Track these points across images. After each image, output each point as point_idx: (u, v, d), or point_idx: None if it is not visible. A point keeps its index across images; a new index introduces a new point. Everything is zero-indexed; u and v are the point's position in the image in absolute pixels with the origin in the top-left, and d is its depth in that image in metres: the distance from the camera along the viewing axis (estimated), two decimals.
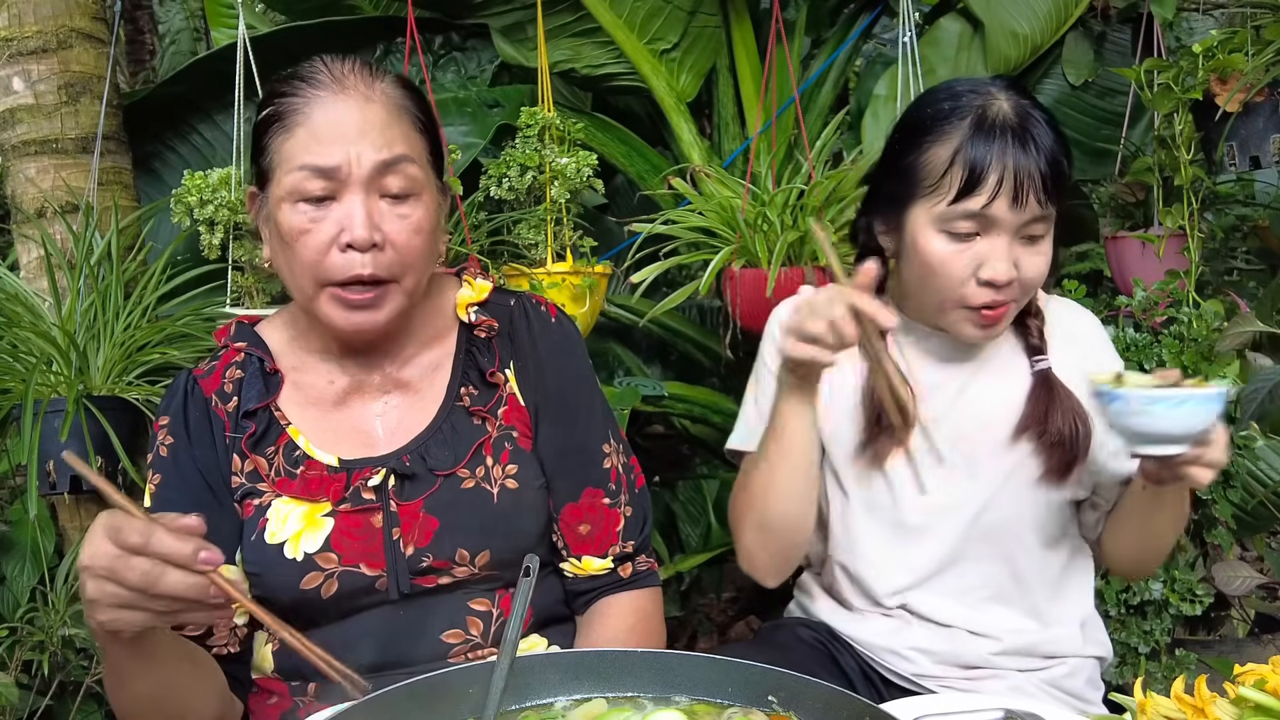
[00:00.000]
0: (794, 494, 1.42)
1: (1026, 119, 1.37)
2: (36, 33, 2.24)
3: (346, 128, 1.21)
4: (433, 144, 1.30)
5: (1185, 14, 3.12)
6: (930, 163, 1.39)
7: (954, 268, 1.39)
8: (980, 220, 1.37)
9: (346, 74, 1.24)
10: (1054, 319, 1.53)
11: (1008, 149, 1.35)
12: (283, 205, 1.22)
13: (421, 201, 1.25)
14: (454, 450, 1.30)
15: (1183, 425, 1.15)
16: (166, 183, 2.63)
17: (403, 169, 1.23)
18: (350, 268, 1.21)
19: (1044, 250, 1.41)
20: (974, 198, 1.36)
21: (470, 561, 1.27)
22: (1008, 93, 1.40)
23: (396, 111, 1.25)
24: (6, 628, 2.07)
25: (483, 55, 2.87)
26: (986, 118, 1.37)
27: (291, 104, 1.22)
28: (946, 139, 1.38)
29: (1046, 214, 1.38)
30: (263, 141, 1.25)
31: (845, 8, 2.96)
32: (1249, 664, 0.90)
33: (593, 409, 1.39)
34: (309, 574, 1.24)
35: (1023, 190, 1.35)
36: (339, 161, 1.20)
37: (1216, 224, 2.88)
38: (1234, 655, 2.49)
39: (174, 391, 1.34)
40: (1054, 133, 1.38)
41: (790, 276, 2.17)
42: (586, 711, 0.94)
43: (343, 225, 1.20)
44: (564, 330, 1.41)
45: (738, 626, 3.03)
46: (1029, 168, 1.35)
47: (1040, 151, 1.36)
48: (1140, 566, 1.58)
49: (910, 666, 1.49)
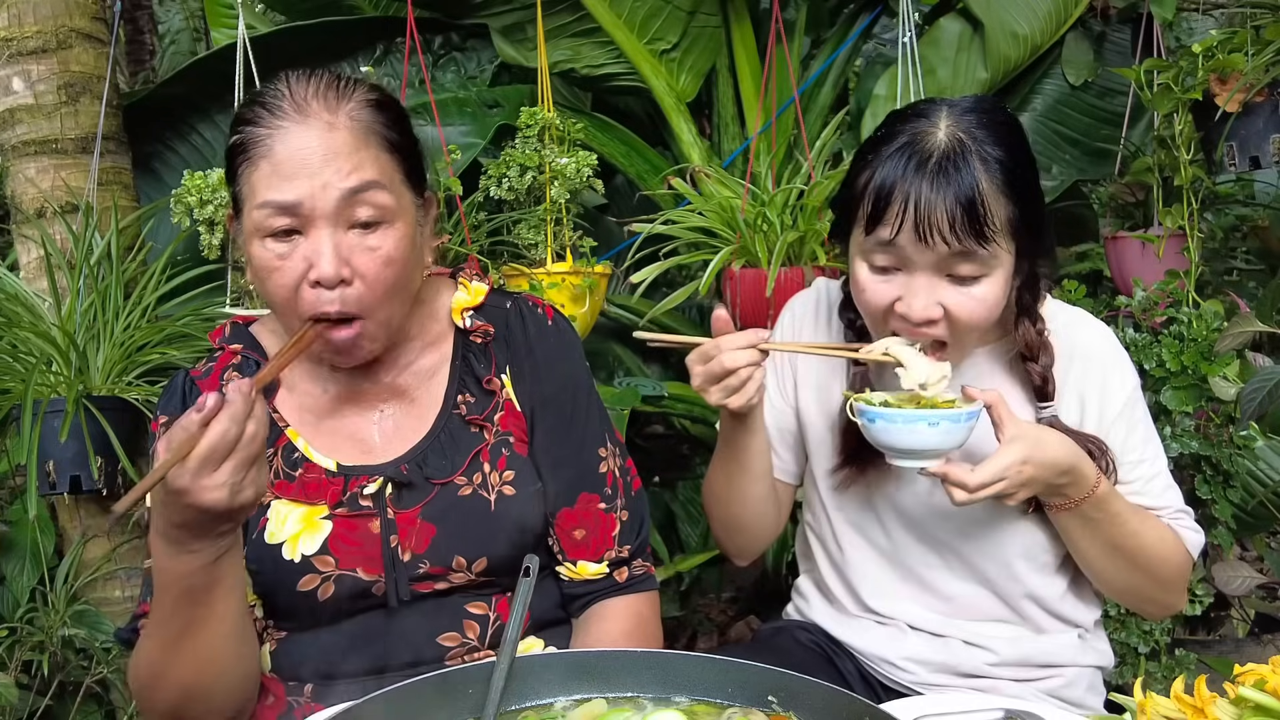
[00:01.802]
0: (750, 500, 1.52)
1: (954, 153, 1.27)
2: (36, 33, 2.25)
3: (309, 157, 1.18)
4: (408, 160, 1.27)
5: (1185, 14, 3.12)
6: (854, 188, 1.35)
7: (875, 298, 1.35)
8: (895, 253, 1.30)
9: (310, 99, 1.20)
10: (1062, 337, 1.43)
11: (917, 182, 1.27)
12: (253, 240, 1.21)
13: (394, 229, 1.22)
14: (451, 459, 1.29)
15: (935, 441, 1.28)
16: (166, 183, 2.63)
17: (370, 196, 1.20)
18: (319, 304, 1.19)
19: (979, 294, 1.31)
20: (879, 229, 1.30)
21: (467, 568, 1.27)
22: (961, 119, 1.31)
23: (363, 135, 1.21)
24: (6, 628, 2.07)
25: (483, 55, 2.87)
26: (909, 147, 1.29)
27: (254, 134, 1.20)
28: (869, 165, 1.33)
29: (970, 252, 1.28)
30: (233, 167, 1.24)
31: (845, 8, 2.96)
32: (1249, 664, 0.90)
33: (589, 413, 1.38)
34: (306, 575, 1.24)
35: (924, 227, 1.26)
36: (301, 196, 1.17)
37: (1216, 224, 2.89)
38: (1234, 655, 2.49)
39: (172, 392, 1.34)
40: (992, 169, 1.27)
41: (790, 276, 2.17)
42: (586, 711, 0.94)
43: (310, 261, 1.18)
44: (561, 333, 1.40)
45: (738, 626, 3.03)
46: (936, 204, 1.25)
47: (954, 188, 1.25)
48: (1123, 598, 1.52)
49: (907, 676, 1.49)
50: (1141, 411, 1.45)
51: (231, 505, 1.01)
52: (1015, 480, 1.29)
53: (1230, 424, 2.19)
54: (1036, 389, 1.42)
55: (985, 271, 1.30)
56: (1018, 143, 1.34)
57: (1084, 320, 1.49)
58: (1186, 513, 1.45)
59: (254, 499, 1.04)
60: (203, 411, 0.99)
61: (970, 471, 1.27)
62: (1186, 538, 1.43)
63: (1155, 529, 1.41)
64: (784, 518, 1.61)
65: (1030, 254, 1.35)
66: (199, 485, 0.99)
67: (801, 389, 1.56)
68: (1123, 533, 1.38)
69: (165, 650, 1.13)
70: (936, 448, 1.29)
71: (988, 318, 1.33)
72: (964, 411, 1.28)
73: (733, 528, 1.56)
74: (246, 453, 1.01)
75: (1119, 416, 1.42)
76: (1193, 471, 2.22)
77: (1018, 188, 1.29)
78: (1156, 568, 1.41)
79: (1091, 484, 1.34)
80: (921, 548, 1.48)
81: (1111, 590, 1.47)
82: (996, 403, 1.32)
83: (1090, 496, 1.34)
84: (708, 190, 2.42)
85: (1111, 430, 1.42)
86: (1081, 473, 1.33)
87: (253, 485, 1.03)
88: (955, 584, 1.48)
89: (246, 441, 1.01)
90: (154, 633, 1.14)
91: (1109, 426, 1.42)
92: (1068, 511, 1.37)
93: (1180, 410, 2.19)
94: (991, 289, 1.31)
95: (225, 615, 1.13)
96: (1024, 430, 1.31)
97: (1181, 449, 2.17)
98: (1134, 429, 1.43)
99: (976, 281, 1.30)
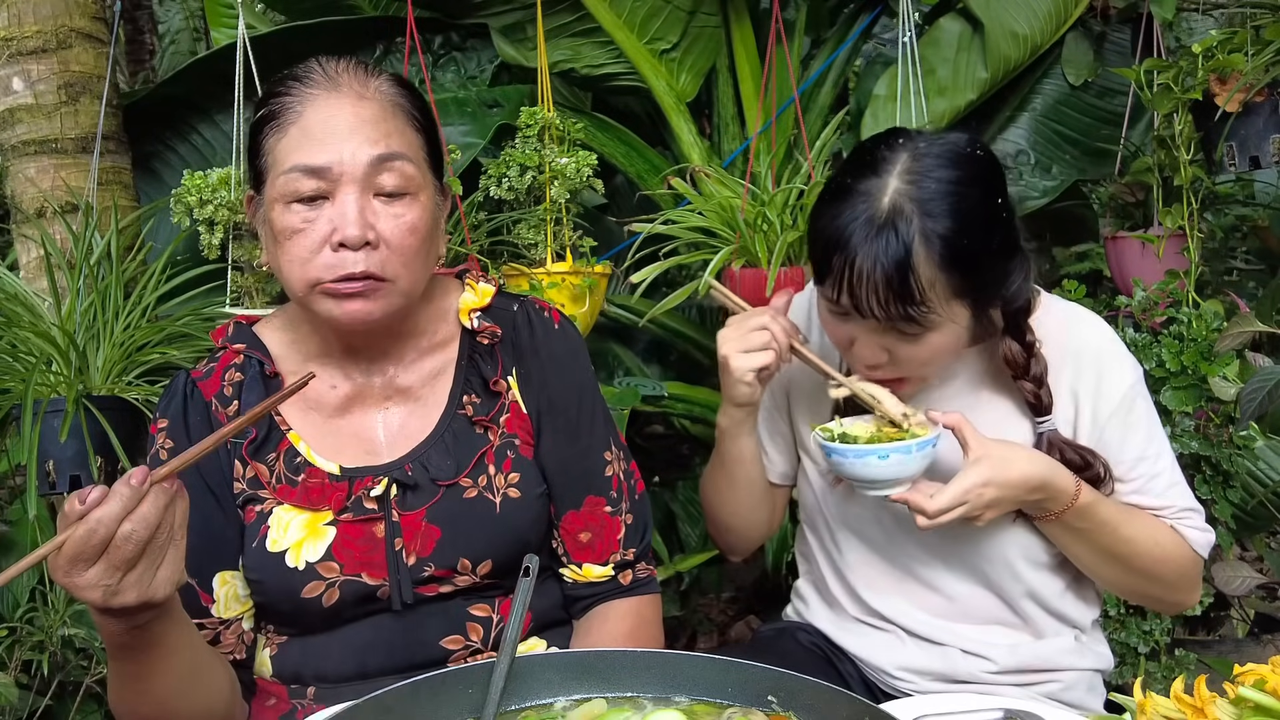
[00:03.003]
0: (744, 505, 1.55)
1: (890, 223, 1.22)
2: (36, 33, 2.24)
3: (339, 125, 1.20)
4: (431, 144, 1.29)
5: (1185, 14, 3.12)
6: (810, 233, 1.32)
7: (833, 335, 1.37)
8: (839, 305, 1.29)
9: (340, 73, 1.23)
10: (1056, 335, 1.40)
11: (853, 248, 1.23)
12: (276, 206, 1.21)
13: (418, 201, 1.24)
14: (456, 459, 1.29)
15: (889, 472, 1.31)
16: (166, 183, 2.63)
17: (397, 166, 1.21)
18: (343, 266, 1.19)
19: (928, 343, 1.28)
20: (824, 285, 1.29)
21: (472, 570, 1.27)
22: (913, 180, 1.23)
23: (391, 108, 1.24)
24: (6, 628, 2.07)
25: (483, 55, 2.86)
26: (854, 205, 1.25)
27: (285, 103, 1.22)
28: (820, 213, 1.29)
29: (903, 326, 1.25)
30: (258, 141, 1.24)
31: (845, 8, 2.96)
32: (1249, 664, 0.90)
33: (595, 417, 1.38)
34: (310, 583, 1.23)
35: (856, 297, 1.24)
36: (331, 160, 1.19)
37: (1216, 224, 2.89)
38: (1234, 655, 2.49)
39: (172, 394, 1.32)
40: (931, 244, 1.21)
41: (790, 276, 2.17)
42: (586, 711, 0.94)
43: (335, 224, 1.18)
44: (568, 337, 1.40)
45: (737, 626, 3.03)
46: (867, 274, 1.22)
47: (884, 261, 1.21)
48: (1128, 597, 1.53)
49: (906, 685, 1.48)
50: (1143, 408, 1.41)
51: (108, 605, 0.95)
52: (977, 503, 1.28)
53: (1230, 424, 2.19)
54: (1031, 405, 1.39)
55: (930, 328, 1.27)
56: (980, 201, 1.26)
57: (1079, 316, 1.45)
58: (1195, 510, 1.42)
59: (139, 600, 0.96)
60: (84, 503, 0.92)
61: (930, 497, 1.28)
62: (1191, 537, 1.41)
63: (1151, 532, 1.39)
64: (777, 519, 1.62)
65: (990, 304, 1.31)
66: (70, 582, 0.93)
67: (794, 391, 1.56)
68: (1114, 539, 1.37)
69: (122, 687, 1.12)
70: (893, 478, 1.31)
71: (939, 360, 1.34)
72: (915, 442, 1.30)
73: (723, 528, 1.59)
74: (119, 555, 0.93)
75: (1114, 414, 1.39)
76: (1193, 471, 2.22)
77: (964, 260, 1.23)
78: (1155, 569, 1.40)
79: (1070, 496, 1.32)
80: (920, 547, 1.47)
81: (1114, 590, 1.48)
82: (959, 424, 1.31)
83: (1071, 508, 1.33)
84: (708, 190, 2.42)
85: (1107, 428, 1.39)
86: (1057, 487, 1.32)
87: (134, 588, 0.95)
88: (955, 584, 1.47)
89: (120, 542, 0.93)
90: (110, 668, 1.13)
91: (1104, 425, 1.39)
92: (1050, 523, 1.36)
93: (1180, 410, 2.19)
94: (942, 339, 1.29)
95: (171, 668, 1.10)
96: (989, 450, 1.30)
97: (1181, 449, 2.17)
98: (1133, 427, 1.40)
99: (921, 337, 1.28)
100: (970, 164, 1.28)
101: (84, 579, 0.93)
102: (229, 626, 1.27)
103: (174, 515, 0.97)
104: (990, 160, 1.32)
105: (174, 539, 0.98)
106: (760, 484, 1.54)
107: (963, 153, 1.29)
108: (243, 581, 1.27)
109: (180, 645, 1.10)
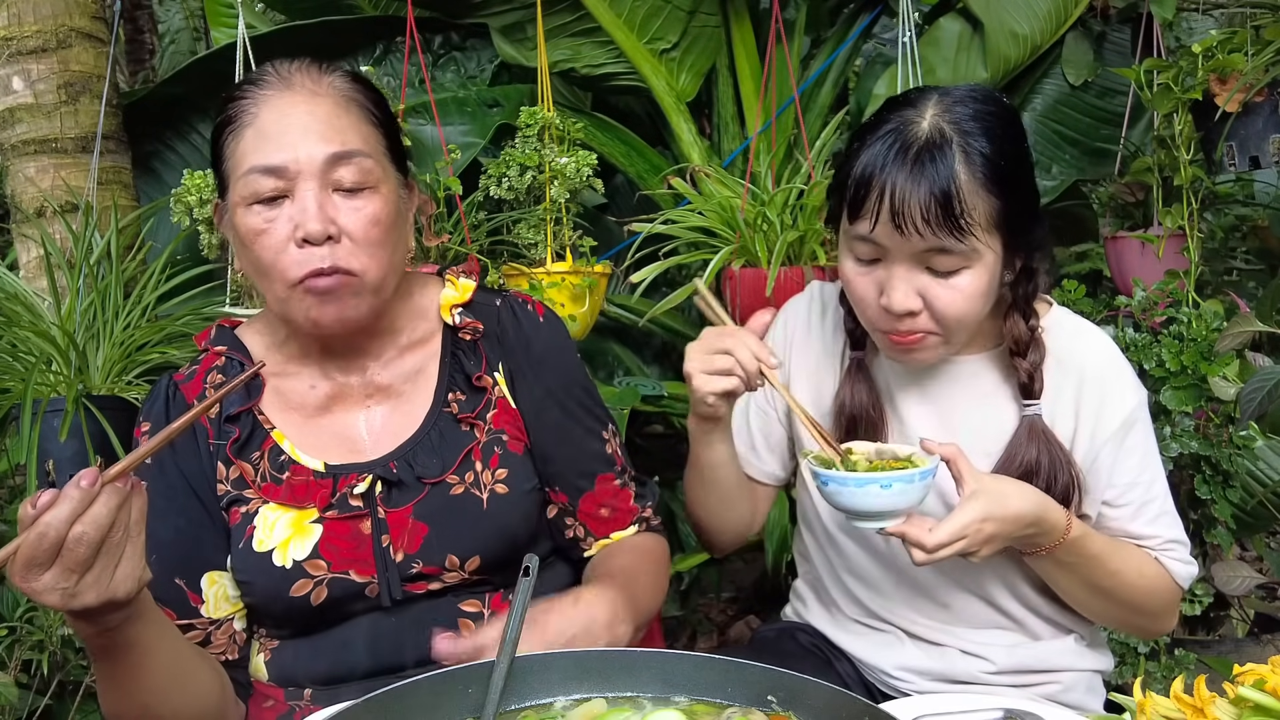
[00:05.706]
0: (719, 505, 1.52)
1: (934, 144, 1.25)
2: (36, 32, 2.25)
3: (292, 123, 1.20)
4: (390, 137, 1.29)
5: (1185, 14, 3.12)
6: (842, 174, 1.33)
7: (860, 290, 1.34)
8: (875, 244, 1.29)
9: (293, 72, 1.24)
10: (1065, 349, 1.40)
11: (895, 172, 1.25)
12: (239, 209, 1.21)
13: (378, 194, 1.23)
14: (442, 457, 1.29)
15: (889, 503, 1.24)
16: (166, 183, 2.63)
17: (354, 161, 1.21)
18: (309, 262, 1.19)
19: (961, 286, 1.28)
20: (859, 220, 1.29)
21: (460, 567, 1.27)
22: (949, 109, 1.28)
23: (345, 104, 1.24)
24: (6, 627, 2.07)
25: (482, 55, 2.87)
26: (892, 135, 1.27)
27: (241, 106, 1.22)
28: (854, 153, 1.31)
29: (948, 247, 1.25)
30: (219, 148, 1.25)
31: (845, 8, 2.96)
32: (1248, 664, 0.90)
33: (590, 401, 1.42)
34: (298, 581, 1.23)
35: (900, 218, 1.24)
36: (287, 159, 1.19)
37: (1216, 224, 2.89)
38: (1233, 655, 2.49)
39: (155, 397, 1.32)
40: (974, 162, 1.25)
41: (790, 276, 2.17)
42: (586, 711, 0.94)
43: (296, 220, 1.18)
44: (554, 328, 1.41)
45: (737, 626, 3.03)
46: (912, 194, 1.23)
47: (929, 180, 1.23)
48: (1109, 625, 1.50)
49: (904, 685, 1.48)
50: (1142, 434, 1.40)
51: (70, 608, 0.95)
52: (976, 538, 1.26)
53: (1230, 424, 2.19)
54: (1022, 385, 1.38)
55: (966, 264, 1.27)
56: (1010, 135, 1.31)
57: (1090, 334, 1.44)
58: (1181, 543, 1.41)
59: (100, 600, 0.95)
60: (36, 507, 0.92)
61: (929, 531, 1.24)
62: (1175, 570, 1.40)
63: (1136, 565, 1.38)
64: (759, 519, 1.60)
65: (1020, 248, 1.32)
66: (28, 587, 0.93)
67: (794, 390, 1.55)
68: (1102, 572, 1.36)
69: (105, 689, 1.12)
70: (892, 509, 1.25)
71: (970, 310, 1.30)
72: (917, 471, 1.24)
73: (701, 525, 1.59)
74: (73, 558, 0.92)
75: (1112, 437, 1.38)
76: (1193, 471, 2.22)
77: (1002, 182, 1.26)
78: (1139, 601, 1.40)
79: (1062, 530, 1.31)
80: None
81: (1095, 619, 1.46)
82: (955, 457, 1.28)
83: (1062, 543, 1.31)
84: (707, 190, 2.42)
85: (1103, 450, 1.38)
86: (1049, 521, 1.30)
87: (93, 589, 0.94)
88: (951, 591, 1.46)
89: (72, 545, 0.92)
90: (94, 670, 1.13)
91: (1100, 446, 1.38)
92: (1041, 558, 1.35)
93: (1180, 410, 2.19)
94: (974, 281, 1.28)
95: (151, 670, 1.10)
96: (985, 485, 1.27)
97: (1181, 449, 2.17)
98: (1130, 451, 1.38)
99: (957, 274, 1.28)
100: (998, 103, 1.34)
101: (40, 583, 0.93)
102: (220, 627, 1.27)
103: (129, 514, 0.97)
104: (1013, 108, 1.39)
105: (130, 536, 0.97)
106: (734, 486, 1.52)
107: (990, 94, 1.35)
108: (232, 582, 1.27)
109: (158, 647, 1.10)
